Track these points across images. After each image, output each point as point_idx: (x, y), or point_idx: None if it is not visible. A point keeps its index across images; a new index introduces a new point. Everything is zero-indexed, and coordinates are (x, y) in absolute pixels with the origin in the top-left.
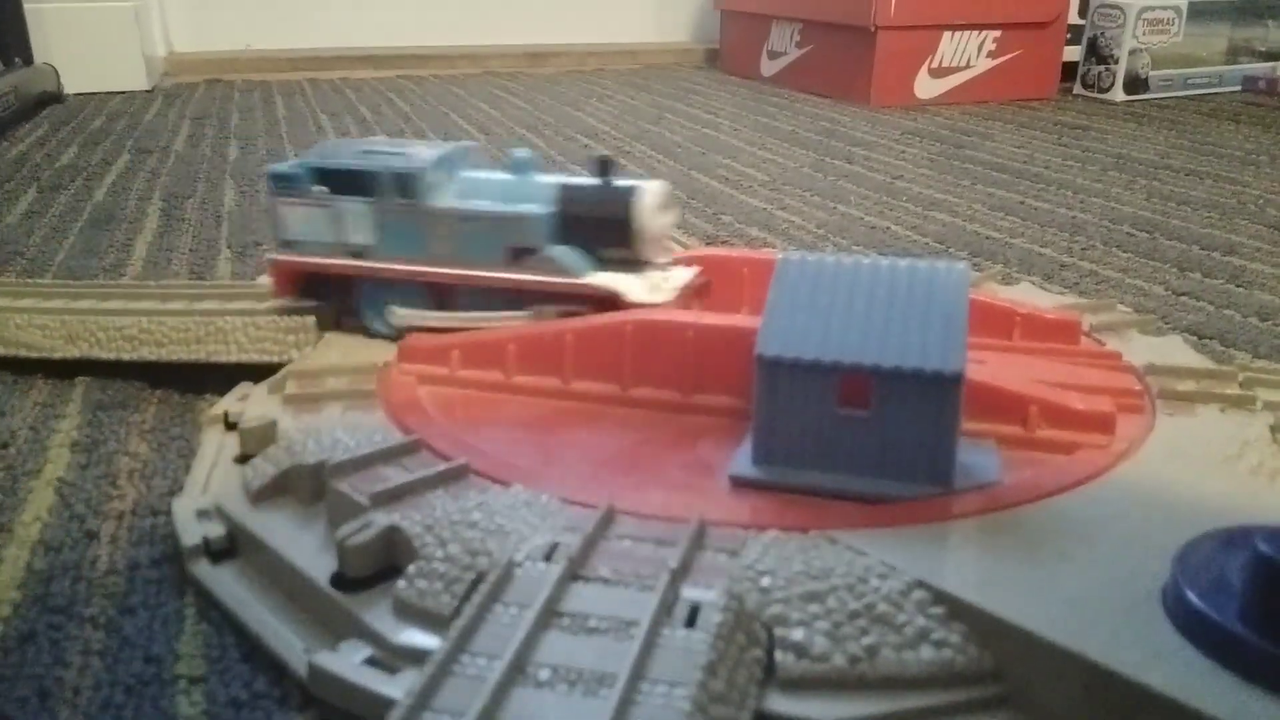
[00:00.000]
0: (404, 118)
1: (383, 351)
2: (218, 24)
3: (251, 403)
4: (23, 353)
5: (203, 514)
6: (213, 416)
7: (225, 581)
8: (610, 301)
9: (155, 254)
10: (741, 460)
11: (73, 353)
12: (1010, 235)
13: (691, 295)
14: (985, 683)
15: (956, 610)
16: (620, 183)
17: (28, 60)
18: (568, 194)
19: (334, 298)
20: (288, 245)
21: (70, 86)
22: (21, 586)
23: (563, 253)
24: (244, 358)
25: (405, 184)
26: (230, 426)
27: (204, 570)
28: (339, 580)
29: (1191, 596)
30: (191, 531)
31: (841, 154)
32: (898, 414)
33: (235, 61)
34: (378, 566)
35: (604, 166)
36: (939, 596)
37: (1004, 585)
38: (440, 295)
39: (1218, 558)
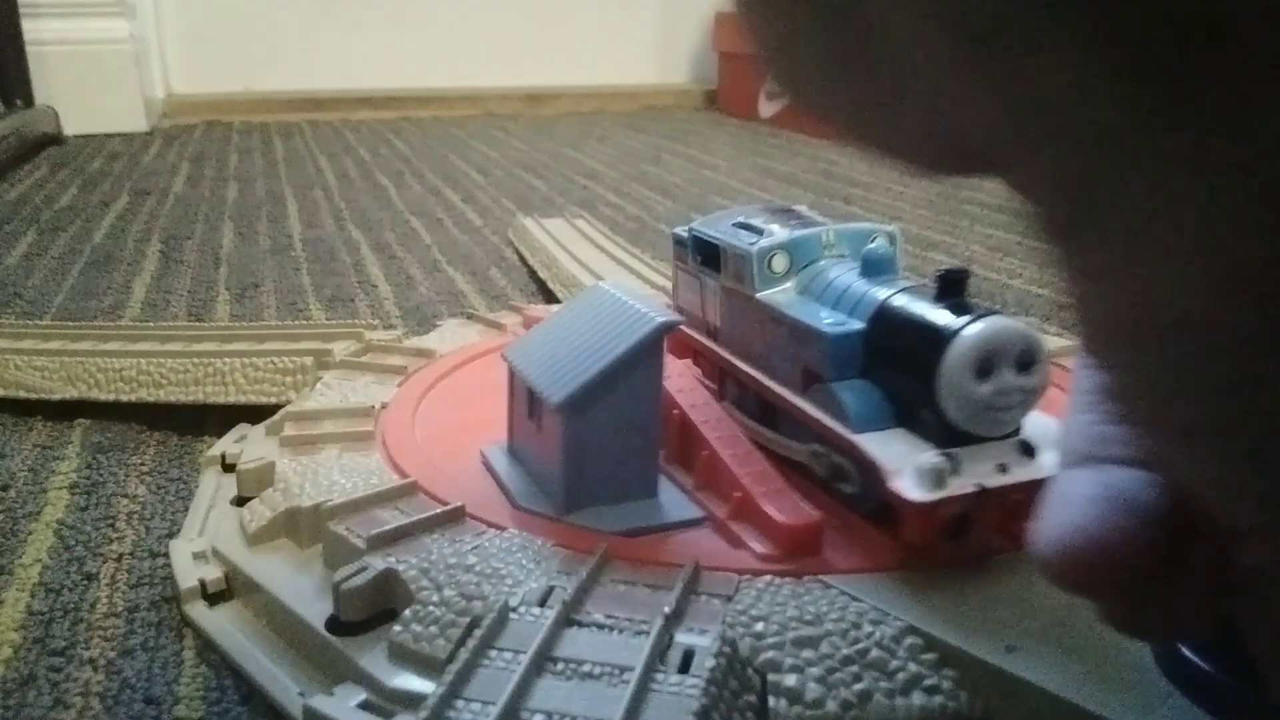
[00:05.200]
0: (403, 159)
1: (380, 393)
2: (217, 66)
3: (249, 444)
4: (21, 394)
5: (199, 556)
6: (210, 458)
7: (221, 624)
8: (871, 469)
9: (154, 295)
10: (498, 448)
11: (71, 394)
12: (1009, 276)
13: (992, 503)
14: None
15: (948, 656)
16: (958, 314)
17: (29, 102)
18: (883, 312)
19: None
20: (680, 312)
21: (69, 128)
22: (21, 628)
23: (848, 392)
24: (242, 399)
25: (738, 266)
26: (228, 468)
27: (200, 613)
28: (334, 624)
29: (1180, 644)
30: (188, 574)
31: (840, 194)
32: (545, 435)
33: (234, 103)
34: (373, 610)
35: (948, 283)
36: (931, 642)
37: (995, 631)
38: (766, 403)
39: None
